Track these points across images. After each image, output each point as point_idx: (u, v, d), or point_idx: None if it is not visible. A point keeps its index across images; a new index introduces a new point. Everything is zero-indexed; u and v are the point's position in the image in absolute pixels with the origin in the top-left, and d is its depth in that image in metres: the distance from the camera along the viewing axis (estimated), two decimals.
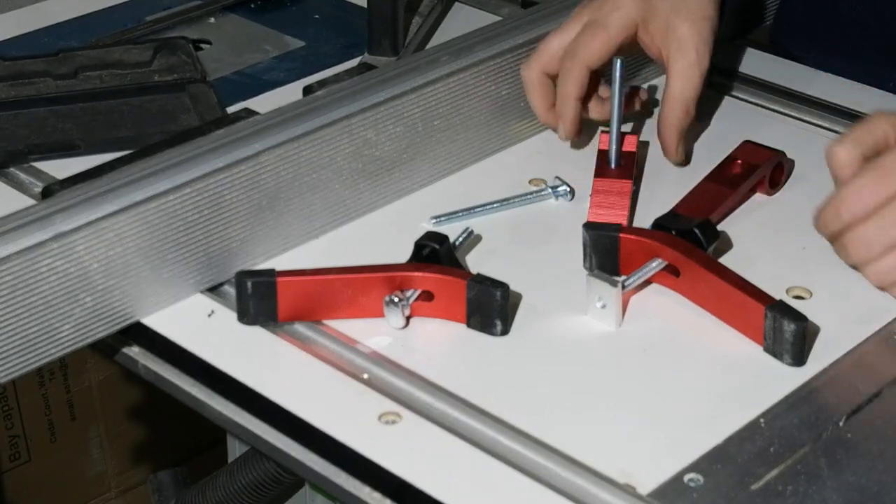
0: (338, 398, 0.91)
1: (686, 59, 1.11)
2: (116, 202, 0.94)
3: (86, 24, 1.37)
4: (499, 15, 1.37)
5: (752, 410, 0.89)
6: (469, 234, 1.05)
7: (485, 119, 1.15)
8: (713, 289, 0.97)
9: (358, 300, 0.97)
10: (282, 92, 1.25)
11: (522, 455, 0.86)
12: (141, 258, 0.96)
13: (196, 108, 1.19)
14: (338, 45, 1.34)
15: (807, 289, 1.00)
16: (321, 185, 1.05)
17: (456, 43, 1.14)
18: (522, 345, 0.96)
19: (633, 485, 0.84)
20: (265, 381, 0.92)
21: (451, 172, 1.14)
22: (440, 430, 0.88)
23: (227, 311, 0.98)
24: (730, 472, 0.85)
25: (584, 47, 1.11)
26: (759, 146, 1.13)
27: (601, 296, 0.97)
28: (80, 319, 0.94)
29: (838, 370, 0.93)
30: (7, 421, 1.86)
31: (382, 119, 1.07)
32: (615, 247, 1.00)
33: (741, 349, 0.95)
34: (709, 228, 1.01)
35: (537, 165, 1.15)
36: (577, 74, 1.11)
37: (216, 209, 0.99)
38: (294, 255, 1.04)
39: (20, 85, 1.21)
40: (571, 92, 1.11)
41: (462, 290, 0.96)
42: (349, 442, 0.87)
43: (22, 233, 0.91)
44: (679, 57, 1.11)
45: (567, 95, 1.11)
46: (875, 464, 0.85)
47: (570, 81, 1.11)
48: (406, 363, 0.93)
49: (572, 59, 1.11)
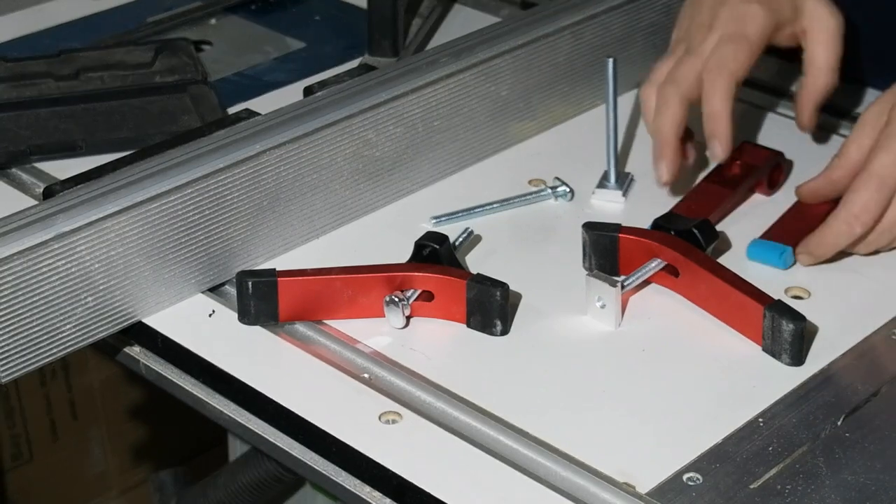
0: (338, 398, 0.91)
1: (827, 29, 1.10)
2: (118, 202, 0.95)
3: (87, 26, 1.38)
4: (498, 16, 1.38)
5: (750, 410, 0.89)
6: (469, 234, 1.05)
7: (485, 119, 1.15)
8: (712, 289, 0.97)
9: (358, 300, 0.97)
10: (282, 93, 1.25)
11: (522, 455, 0.86)
12: (142, 258, 0.96)
13: (197, 108, 1.19)
14: (338, 46, 1.34)
15: (805, 289, 1.01)
16: (322, 185, 1.05)
17: (456, 44, 1.15)
18: (522, 345, 0.96)
19: (632, 484, 0.84)
20: (266, 381, 0.92)
21: (451, 173, 1.14)
22: (440, 429, 0.88)
23: (227, 311, 0.98)
24: (729, 472, 0.85)
25: (734, 60, 1.07)
26: (758, 147, 1.14)
27: (601, 296, 0.97)
28: (81, 319, 0.94)
29: (837, 370, 0.93)
30: (9, 420, 1.86)
31: (383, 120, 1.08)
32: (614, 247, 1.01)
33: (740, 349, 0.95)
34: (707, 228, 1.01)
35: (537, 166, 1.15)
36: (729, 89, 1.06)
37: (217, 209, 0.99)
38: (294, 255, 1.05)
39: (22, 86, 1.21)
40: (727, 108, 1.06)
41: (462, 290, 0.96)
42: (349, 441, 0.87)
43: (23, 233, 0.91)
44: (820, 28, 1.10)
45: (723, 112, 1.06)
46: (873, 463, 0.85)
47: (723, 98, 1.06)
48: (406, 363, 0.94)
49: (720, 72, 1.06)
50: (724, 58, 1.07)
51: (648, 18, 1.24)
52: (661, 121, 1.08)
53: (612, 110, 1.09)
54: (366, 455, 0.86)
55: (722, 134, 1.06)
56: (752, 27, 1.09)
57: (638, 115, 1.20)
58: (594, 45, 1.21)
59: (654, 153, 1.08)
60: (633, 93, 1.23)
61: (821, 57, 1.11)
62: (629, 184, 1.12)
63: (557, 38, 1.18)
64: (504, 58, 1.15)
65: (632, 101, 1.22)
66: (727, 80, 1.06)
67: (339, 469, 0.87)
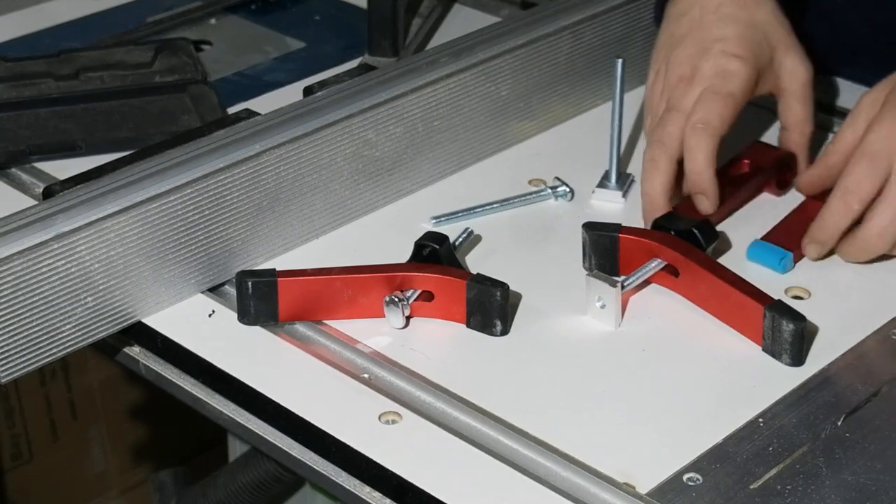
0: (338, 398, 0.91)
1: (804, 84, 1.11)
2: (117, 202, 0.94)
3: (87, 25, 1.38)
4: (498, 16, 1.38)
5: (750, 410, 0.89)
6: (469, 234, 1.05)
7: (485, 119, 1.15)
8: (712, 289, 0.97)
9: (358, 300, 0.97)
10: (282, 93, 1.25)
11: (522, 455, 0.86)
12: (142, 258, 0.96)
13: (197, 108, 1.19)
14: (338, 46, 1.34)
15: (805, 289, 1.01)
16: (321, 185, 1.05)
17: (456, 44, 1.15)
18: (522, 345, 0.96)
19: (632, 484, 0.84)
20: (266, 381, 0.92)
21: (451, 173, 1.14)
22: (440, 430, 0.88)
23: (227, 311, 0.98)
24: (729, 472, 0.85)
25: (718, 117, 1.06)
26: (770, 147, 1.13)
27: (601, 296, 0.97)
28: (81, 319, 0.94)
29: (837, 370, 0.93)
30: (8, 420, 1.85)
31: (383, 120, 1.08)
32: (614, 247, 1.01)
33: (740, 349, 0.95)
34: (708, 228, 1.01)
35: (537, 166, 1.15)
36: (712, 148, 1.05)
37: (217, 209, 0.99)
38: (294, 255, 1.05)
39: (22, 86, 1.21)
40: (710, 167, 1.05)
41: (462, 290, 0.96)
42: (349, 441, 0.87)
43: (23, 233, 0.91)
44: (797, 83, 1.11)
45: (707, 171, 1.05)
46: (873, 463, 0.85)
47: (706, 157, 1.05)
48: (406, 363, 0.94)
49: (704, 131, 1.05)
50: (707, 115, 1.06)
51: (648, 18, 1.24)
52: (650, 185, 1.07)
53: (618, 111, 1.09)
54: (366, 455, 0.86)
55: (707, 190, 1.05)
56: (735, 83, 1.08)
57: (640, 116, 1.20)
58: (594, 45, 1.21)
59: (644, 215, 1.07)
60: (633, 92, 1.23)
61: (800, 112, 1.12)
62: (630, 184, 1.12)
63: (557, 38, 1.18)
64: (504, 58, 1.15)
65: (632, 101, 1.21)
66: (711, 140, 1.06)
67: (338, 469, 0.87)
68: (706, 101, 1.07)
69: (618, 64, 1.09)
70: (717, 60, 1.08)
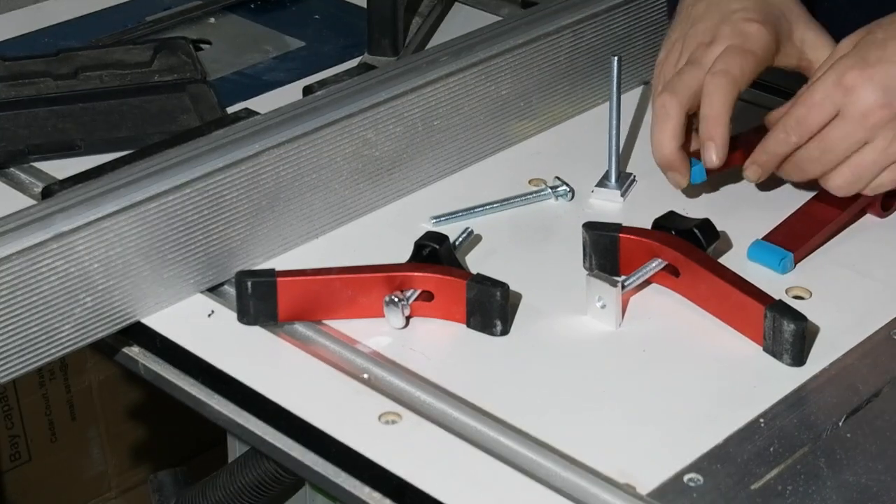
0: (338, 398, 0.91)
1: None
2: (116, 202, 0.94)
3: (86, 25, 1.38)
4: (498, 15, 1.38)
5: (751, 410, 0.89)
6: (469, 234, 1.05)
7: (485, 119, 1.15)
8: (713, 289, 0.97)
9: (358, 300, 0.97)
10: (282, 92, 1.25)
11: (522, 455, 0.86)
12: (141, 258, 0.96)
13: (196, 108, 1.19)
14: (338, 46, 1.34)
15: (806, 289, 1.01)
16: (321, 185, 1.05)
17: (456, 43, 1.15)
18: (522, 345, 0.96)
19: (632, 484, 0.84)
20: (265, 381, 0.92)
21: (451, 172, 1.14)
22: (440, 430, 0.88)
23: (227, 311, 0.98)
24: (729, 472, 0.85)
25: (739, 68, 1.04)
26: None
27: (601, 296, 0.97)
28: (80, 319, 0.94)
29: (838, 370, 0.93)
30: (7, 421, 1.85)
31: (382, 119, 1.07)
32: (615, 247, 1.00)
33: (741, 349, 0.95)
34: (708, 228, 1.01)
35: (537, 165, 1.15)
36: (731, 93, 1.04)
37: (216, 209, 0.99)
38: (294, 255, 1.04)
39: (20, 85, 1.21)
40: (727, 112, 1.04)
41: (462, 290, 0.96)
42: (349, 442, 0.87)
43: (22, 233, 0.91)
44: (820, 54, 1.09)
45: (722, 116, 1.03)
46: (874, 464, 0.85)
47: (724, 101, 1.03)
48: (406, 363, 0.93)
49: (724, 76, 1.04)
50: (728, 65, 1.05)
51: (649, 17, 1.24)
52: (659, 132, 1.06)
53: (616, 109, 1.09)
54: (365, 455, 0.86)
55: (719, 138, 1.04)
56: (756, 43, 1.07)
57: (641, 115, 1.20)
58: (594, 44, 1.21)
59: (660, 166, 1.07)
60: (633, 91, 1.23)
61: None
62: (630, 184, 1.12)
63: (558, 37, 1.18)
64: (504, 57, 1.14)
65: (632, 101, 1.21)
66: (731, 86, 1.04)
67: (338, 470, 0.87)
68: (728, 54, 1.05)
69: (614, 61, 1.08)
70: (736, 25, 1.07)
